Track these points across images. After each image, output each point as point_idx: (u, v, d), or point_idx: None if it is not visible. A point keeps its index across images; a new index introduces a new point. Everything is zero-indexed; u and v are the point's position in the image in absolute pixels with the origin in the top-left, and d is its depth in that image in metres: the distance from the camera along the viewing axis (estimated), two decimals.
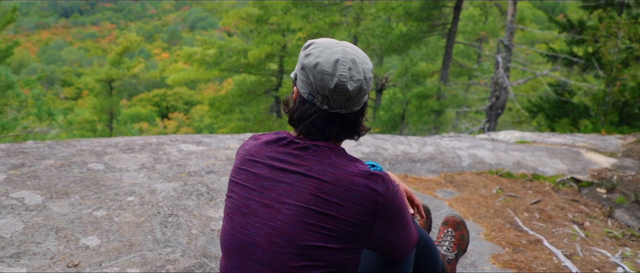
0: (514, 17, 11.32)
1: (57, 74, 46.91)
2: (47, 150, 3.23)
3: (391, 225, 1.41)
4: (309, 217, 1.31)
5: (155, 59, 54.29)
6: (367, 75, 1.41)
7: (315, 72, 1.36)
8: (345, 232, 1.32)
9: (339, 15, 13.88)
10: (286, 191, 1.35)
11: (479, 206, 3.82)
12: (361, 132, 1.53)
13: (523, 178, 4.68)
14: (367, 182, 1.34)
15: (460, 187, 4.19)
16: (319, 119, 1.40)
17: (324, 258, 1.32)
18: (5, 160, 2.96)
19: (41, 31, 77.44)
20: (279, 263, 1.33)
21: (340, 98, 1.37)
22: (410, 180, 4.10)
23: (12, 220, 2.29)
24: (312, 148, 1.39)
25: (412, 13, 13.75)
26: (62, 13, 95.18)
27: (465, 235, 2.45)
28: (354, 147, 4.41)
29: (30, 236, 2.20)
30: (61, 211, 2.44)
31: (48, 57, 58.89)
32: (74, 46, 66.04)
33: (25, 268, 1.97)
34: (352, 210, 1.32)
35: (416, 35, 14.73)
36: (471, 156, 4.82)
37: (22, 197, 2.51)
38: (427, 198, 3.72)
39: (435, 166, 4.50)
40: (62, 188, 2.67)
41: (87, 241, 2.24)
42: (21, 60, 50.50)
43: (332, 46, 1.41)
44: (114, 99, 20.60)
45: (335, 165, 1.35)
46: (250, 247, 1.37)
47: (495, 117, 11.69)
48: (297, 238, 1.31)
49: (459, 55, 20.70)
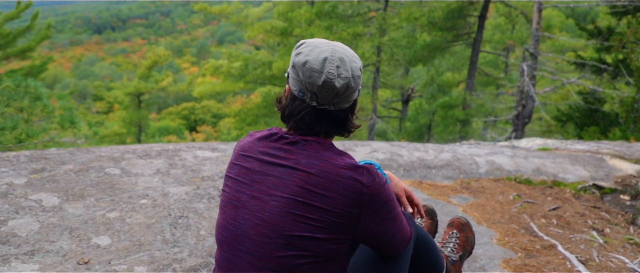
0: (539, 24, 11.15)
1: (89, 89, 48.36)
2: (67, 156, 3.36)
3: (378, 217, 1.43)
4: (296, 208, 1.35)
5: (184, 73, 55.40)
6: (355, 73, 1.45)
7: (304, 69, 1.41)
8: (330, 222, 1.35)
9: (362, 26, 13.93)
10: (274, 184, 1.39)
11: (494, 212, 3.77)
12: (351, 129, 1.56)
13: (542, 185, 4.60)
14: (353, 173, 1.37)
15: (476, 193, 4.15)
16: (308, 115, 1.44)
17: (310, 247, 1.35)
18: (28, 165, 3.09)
19: (75, 47, 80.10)
20: (266, 253, 1.36)
21: (328, 94, 1.41)
22: (424, 186, 4.08)
23: (29, 220, 2.39)
24: (301, 143, 1.43)
25: (435, 23, 13.70)
26: (95, 30, 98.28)
27: (471, 237, 2.43)
28: (369, 154, 4.43)
29: (44, 235, 2.29)
30: (76, 212, 2.54)
31: (81, 72, 60.79)
32: (105, 61, 68.02)
33: (37, 265, 2.05)
34: (337, 201, 1.35)
35: (440, 45, 14.66)
36: (489, 163, 4.77)
37: (40, 199, 2.62)
38: (440, 204, 3.70)
39: (452, 172, 4.47)
40: (78, 191, 2.78)
41: (98, 240, 2.32)
42: (55, 75, 52.31)
43: (322, 45, 1.45)
44: (143, 112, 21.09)
45: (322, 159, 1.39)
46: (240, 238, 1.41)
47: (522, 126, 11.49)
48: (284, 229, 1.35)
49: (486, 64, 20.48)
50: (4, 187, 2.72)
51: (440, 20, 13.51)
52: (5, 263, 2.03)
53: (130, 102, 21.06)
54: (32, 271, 2.00)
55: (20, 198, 2.60)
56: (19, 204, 2.53)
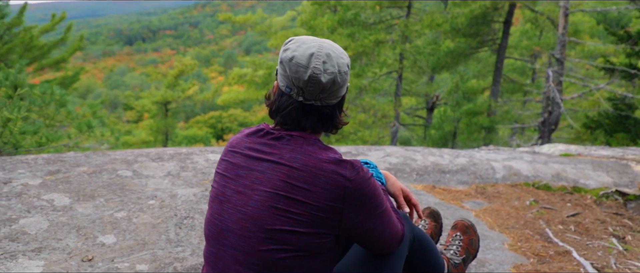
0: (565, 29, 10.91)
1: (120, 98, 49.59)
2: (83, 159, 3.45)
3: (363, 212, 1.42)
4: (278, 202, 1.35)
5: (211, 82, 56.28)
6: (342, 69, 1.45)
7: (290, 65, 1.42)
8: (312, 216, 1.34)
9: (384, 34, 13.90)
10: (258, 178, 1.40)
11: (508, 217, 3.70)
12: (339, 125, 1.56)
13: (562, 191, 4.48)
14: (336, 168, 1.37)
15: (491, 198, 4.07)
16: (295, 110, 1.45)
17: (292, 241, 1.35)
18: (44, 167, 3.19)
19: (107, 58, 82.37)
20: (248, 247, 1.37)
21: (314, 90, 1.41)
22: (437, 191, 4.03)
23: (39, 218, 2.47)
24: (286, 138, 1.44)
25: (459, 29, 13.56)
26: (126, 41, 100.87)
27: (475, 240, 2.39)
28: (382, 158, 4.40)
29: (53, 233, 2.35)
30: (85, 212, 2.60)
31: (112, 82, 62.39)
32: (136, 72, 69.66)
33: (43, 262, 2.11)
34: (319, 195, 1.34)
35: (464, 52, 14.48)
36: (506, 168, 4.68)
37: (52, 199, 2.69)
38: (452, 208, 3.64)
39: (467, 177, 4.40)
40: (89, 192, 2.84)
41: (104, 239, 2.37)
42: (88, 85, 53.85)
43: (309, 42, 1.46)
44: (170, 120, 21.44)
45: (305, 153, 1.39)
46: (225, 233, 1.42)
47: (549, 133, 11.23)
48: (265, 223, 1.35)
49: (513, 71, 20.13)
50: (19, 187, 2.81)
51: (463, 27, 13.37)
52: (13, 259, 2.10)
53: (157, 110, 21.46)
54: (37, 267, 2.06)
55: (33, 198, 2.68)
56: (31, 204, 2.61)
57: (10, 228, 2.34)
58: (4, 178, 2.91)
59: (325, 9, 15.19)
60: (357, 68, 14.14)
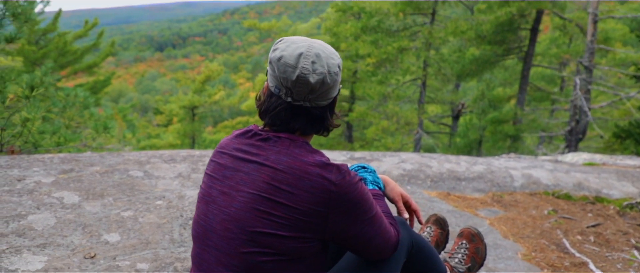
0: (594, 36, 10.62)
1: (150, 103, 50.61)
2: (97, 159, 3.51)
3: (350, 218, 1.38)
4: (261, 204, 1.33)
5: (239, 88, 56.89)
6: (332, 70, 1.42)
7: (279, 65, 1.39)
8: (295, 220, 1.31)
9: (407, 41, 13.80)
10: (243, 179, 1.38)
11: (524, 226, 3.59)
12: (330, 127, 1.53)
13: (583, 201, 4.34)
14: (321, 171, 1.34)
15: (508, 207, 3.97)
16: (283, 111, 1.42)
17: (273, 245, 1.32)
18: (59, 166, 3.25)
19: (138, 64, 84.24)
20: (231, 249, 1.35)
21: (303, 90, 1.39)
22: (452, 198, 3.95)
23: (47, 215, 2.51)
24: (273, 139, 1.41)
25: (484, 36, 13.36)
26: (157, 47, 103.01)
27: (481, 248, 2.32)
28: (397, 164, 4.35)
29: (59, 230, 2.39)
30: (93, 210, 2.64)
31: (143, 87, 63.74)
32: (166, 77, 71.00)
33: (46, 257, 2.14)
34: (303, 199, 1.31)
35: (490, 59, 14.25)
36: (525, 176, 4.56)
37: (61, 197, 2.74)
38: (465, 216, 3.56)
39: (483, 185, 4.30)
40: (99, 191, 2.89)
41: (108, 237, 2.39)
42: (120, 90, 55.17)
43: (299, 41, 1.44)
44: (196, 124, 21.74)
45: (291, 155, 1.37)
46: (209, 233, 1.41)
47: (576, 142, 10.92)
48: (247, 225, 1.33)
49: (541, 79, 19.72)
50: (32, 184, 2.87)
51: (489, 34, 13.15)
52: (17, 254, 2.14)
53: (184, 114, 21.79)
54: (40, 263, 2.09)
55: (44, 195, 2.73)
56: (41, 201, 2.66)
57: (18, 223, 2.38)
58: (18, 175, 2.98)
59: (349, 16, 15.19)
60: (380, 75, 14.07)
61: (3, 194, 2.69)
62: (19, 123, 3.45)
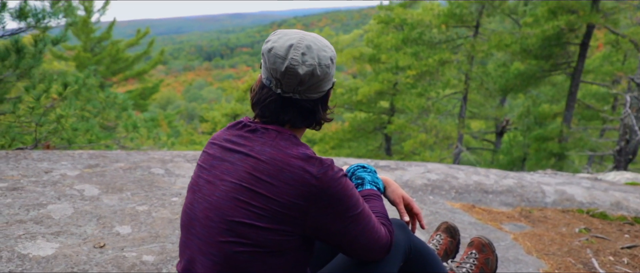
0: None
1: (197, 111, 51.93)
2: (123, 156, 3.62)
3: (332, 213, 1.34)
4: (241, 193, 1.32)
5: None
6: (323, 62, 1.40)
7: (269, 56, 1.40)
8: (274, 211, 1.29)
9: (449, 53, 13.58)
10: (227, 169, 1.38)
11: (551, 243, 3.43)
12: (322, 121, 1.51)
13: (621, 221, 4.11)
14: (303, 164, 1.32)
15: (535, 223, 3.81)
16: (273, 103, 1.42)
17: (250, 236, 1.30)
18: (86, 161, 3.37)
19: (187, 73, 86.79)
20: (210, 237, 1.35)
21: (292, 82, 1.38)
22: (476, 211, 3.83)
23: (66, 205, 2.60)
24: (261, 130, 1.41)
25: (530, 51, 12.96)
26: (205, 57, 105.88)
27: (491, 259, 2.23)
28: (421, 174, 4.26)
29: (75, 220, 2.47)
30: (110, 203, 2.72)
31: (191, 95, 65.50)
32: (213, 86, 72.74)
33: (58, 244, 2.22)
34: (282, 190, 1.29)
35: (535, 74, 13.80)
36: (558, 192, 4.37)
37: (82, 189, 2.84)
38: (487, 229, 3.44)
39: (512, 199, 4.15)
40: (119, 186, 2.97)
41: (120, 229, 2.45)
42: (169, 97, 56.95)
43: (291, 34, 1.44)
44: None
45: (276, 147, 1.36)
46: (193, 222, 1.41)
47: (625, 162, 10.37)
48: (226, 214, 1.32)
49: (591, 97, 18.94)
50: (57, 176, 2.99)
51: (535, 48, 12.75)
52: (32, 239, 2.22)
53: (227, 122, 22.27)
54: (51, 249, 2.17)
55: (67, 187, 2.84)
56: (63, 192, 2.77)
57: (38, 212, 2.48)
58: (47, 168, 3.11)
59: (391, 27, 15.13)
60: (419, 87, 13.89)
61: (29, 184, 2.82)
62: (54, 119, 3.61)
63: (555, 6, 11.91)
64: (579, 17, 11.85)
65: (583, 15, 11.80)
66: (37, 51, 4.71)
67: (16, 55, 4.55)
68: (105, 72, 21.69)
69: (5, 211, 2.44)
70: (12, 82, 4.64)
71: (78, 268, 2.05)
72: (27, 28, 4.72)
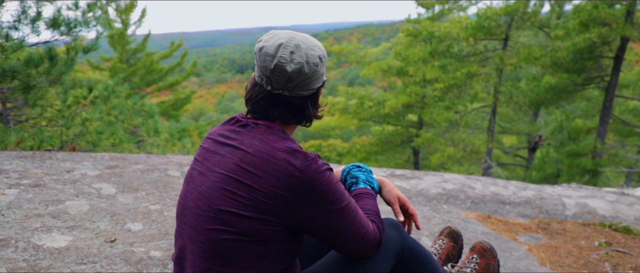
0: None
1: None
2: (143, 158, 3.74)
3: (315, 206, 1.38)
4: (228, 184, 1.38)
5: None
6: (311, 60, 1.45)
7: (260, 54, 1.46)
8: (257, 201, 1.34)
9: (477, 66, 13.42)
10: (218, 161, 1.44)
11: (567, 255, 3.36)
12: (311, 118, 1.56)
13: None
14: (288, 157, 1.37)
15: (553, 235, 3.73)
16: (263, 99, 1.48)
17: (235, 224, 1.35)
18: (107, 162, 3.51)
19: (220, 85, 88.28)
20: (198, 225, 1.41)
21: (280, 79, 1.44)
22: (492, 221, 3.78)
23: (83, 202, 2.72)
24: (251, 125, 1.47)
25: (561, 64, 12.69)
26: (238, 70, 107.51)
27: (493, 264, 2.21)
28: (437, 183, 4.24)
29: (90, 215, 2.58)
30: (125, 201, 2.82)
31: (223, 107, 66.52)
32: None
33: (71, 238, 2.32)
34: (267, 181, 1.34)
35: (567, 88, 13.49)
36: (579, 205, 4.26)
37: (100, 188, 2.95)
38: (500, 239, 3.39)
39: (530, 211, 4.08)
40: (135, 186, 3.08)
41: (132, 226, 2.54)
42: (201, 109, 58.06)
43: (282, 34, 1.50)
44: None
45: (263, 140, 1.41)
46: (185, 211, 1.48)
47: None
48: (214, 203, 1.38)
49: (627, 112, 18.36)
50: (78, 175, 3.12)
51: (566, 61, 12.48)
52: (48, 232, 2.33)
53: None
54: (64, 241, 2.27)
55: (85, 185, 2.96)
56: (81, 190, 2.89)
57: (56, 207, 2.60)
58: (69, 167, 3.25)
59: (419, 40, 15.08)
60: (447, 100, 13.76)
61: (51, 182, 2.95)
62: (79, 122, 3.77)
63: (587, 18, 11.66)
64: (611, 30, 11.56)
65: (616, 28, 11.51)
66: (69, 59, 4.93)
67: (49, 62, 4.77)
68: (140, 82, 22.31)
69: (25, 205, 2.56)
70: (45, 88, 4.87)
71: (87, 260, 2.13)
72: (61, 36, 4.96)
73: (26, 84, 4.53)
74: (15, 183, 2.85)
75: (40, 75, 4.78)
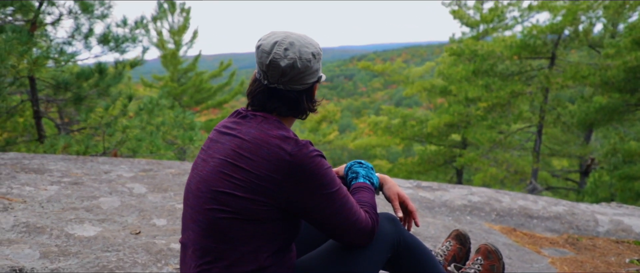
0: None
1: None
2: (177, 164, 3.96)
3: (306, 189, 1.49)
4: (225, 167, 1.51)
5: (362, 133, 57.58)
6: (304, 56, 1.58)
7: (258, 52, 1.61)
8: (251, 183, 1.47)
9: (521, 85, 13.15)
10: (218, 149, 1.59)
11: (593, 270, 3.27)
12: (307, 111, 1.68)
13: None
14: (280, 142, 1.49)
15: (581, 250, 3.64)
16: (261, 93, 1.62)
17: (229, 203, 1.48)
18: (142, 166, 3.74)
19: None
20: (199, 206, 1.54)
21: (275, 73, 1.57)
22: (517, 234, 3.73)
23: (115, 199, 2.93)
24: (250, 116, 1.61)
25: (612, 83, 12.24)
26: None
27: (497, 266, 2.23)
28: (463, 196, 4.23)
29: (120, 211, 2.78)
30: (153, 200, 3.01)
31: None
32: None
33: (100, 229, 2.52)
34: (260, 165, 1.47)
35: (618, 108, 12.96)
36: (614, 222, 4.14)
37: (132, 188, 3.17)
38: (522, 251, 3.35)
39: (559, 226, 3.99)
40: (165, 187, 3.28)
41: (157, 221, 2.73)
42: None
43: (278, 33, 1.64)
44: None
45: (260, 129, 1.54)
46: (189, 194, 1.62)
47: None
48: (212, 184, 1.52)
49: None
50: (114, 176, 3.35)
51: (617, 81, 12.02)
52: (80, 223, 2.54)
53: None
54: (94, 231, 2.47)
55: (119, 185, 3.18)
56: (115, 188, 3.11)
57: (90, 202, 2.82)
58: (107, 169, 3.50)
59: (464, 59, 14.96)
60: (490, 120, 13.51)
61: (89, 181, 3.19)
62: (120, 129, 4.04)
63: None
64: None
65: None
66: (117, 72, 5.29)
67: (99, 75, 5.15)
68: (189, 101, 23.15)
69: (63, 200, 2.80)
70: (95, 99, 5.24)
71: (112, 248, 2.32)
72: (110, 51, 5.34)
73: (77, 95, 4.91)
74: (57, 180, 3.11)
75: (90, 88, 5.16)
